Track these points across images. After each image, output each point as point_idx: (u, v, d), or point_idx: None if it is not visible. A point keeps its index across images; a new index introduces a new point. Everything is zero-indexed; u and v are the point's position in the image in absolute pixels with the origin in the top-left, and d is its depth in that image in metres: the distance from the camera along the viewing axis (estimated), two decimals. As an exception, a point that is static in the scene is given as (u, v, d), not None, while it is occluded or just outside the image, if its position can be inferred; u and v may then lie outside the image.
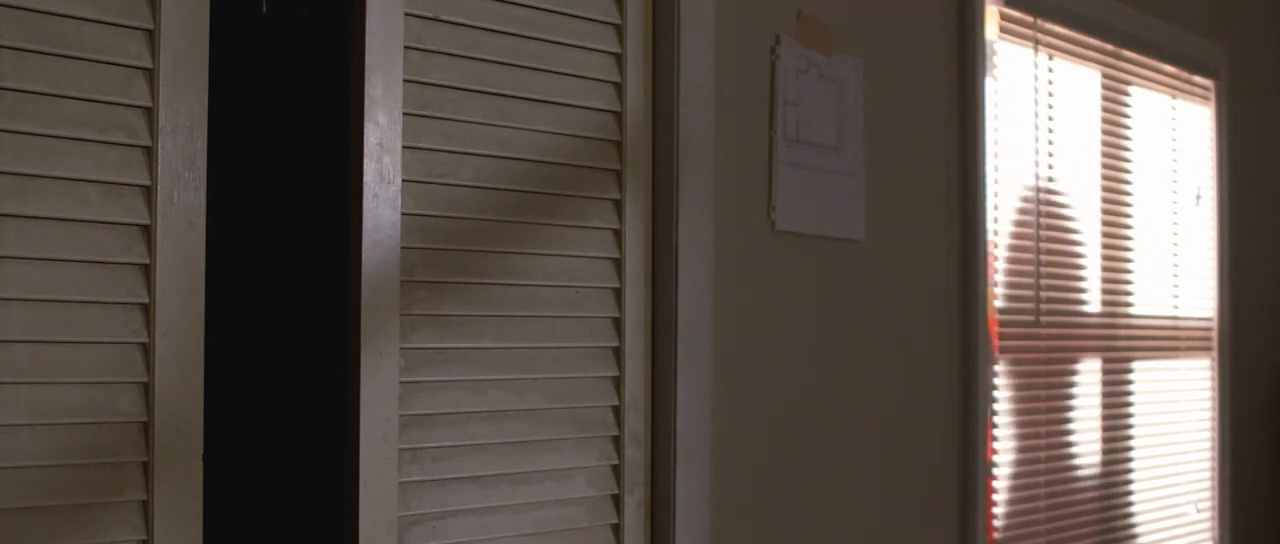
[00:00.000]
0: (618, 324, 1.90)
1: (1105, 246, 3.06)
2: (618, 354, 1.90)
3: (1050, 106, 2.86)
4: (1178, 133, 3.35)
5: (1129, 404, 3.15)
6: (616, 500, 1.90)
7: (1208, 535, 3.44)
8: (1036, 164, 2.81)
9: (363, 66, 1.61)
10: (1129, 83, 3.16)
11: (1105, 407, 3.07)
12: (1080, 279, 2.97)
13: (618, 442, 1.90)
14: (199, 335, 1.44)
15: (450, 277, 1.70)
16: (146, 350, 1.40)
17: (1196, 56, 3.36)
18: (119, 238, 1.39)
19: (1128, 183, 3.14)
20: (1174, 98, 3.33)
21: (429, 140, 1.68)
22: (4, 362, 1.31)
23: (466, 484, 1.72)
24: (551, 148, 1.82)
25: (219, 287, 1.56)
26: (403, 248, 1.64)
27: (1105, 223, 3.06)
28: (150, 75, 1.40)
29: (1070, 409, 2.93)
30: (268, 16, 2.03)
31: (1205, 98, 3.44)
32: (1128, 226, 3.13)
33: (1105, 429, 3.06)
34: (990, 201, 2.61)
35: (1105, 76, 3.07)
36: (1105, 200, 3.06)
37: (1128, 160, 3.14)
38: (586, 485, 1.86)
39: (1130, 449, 3.15)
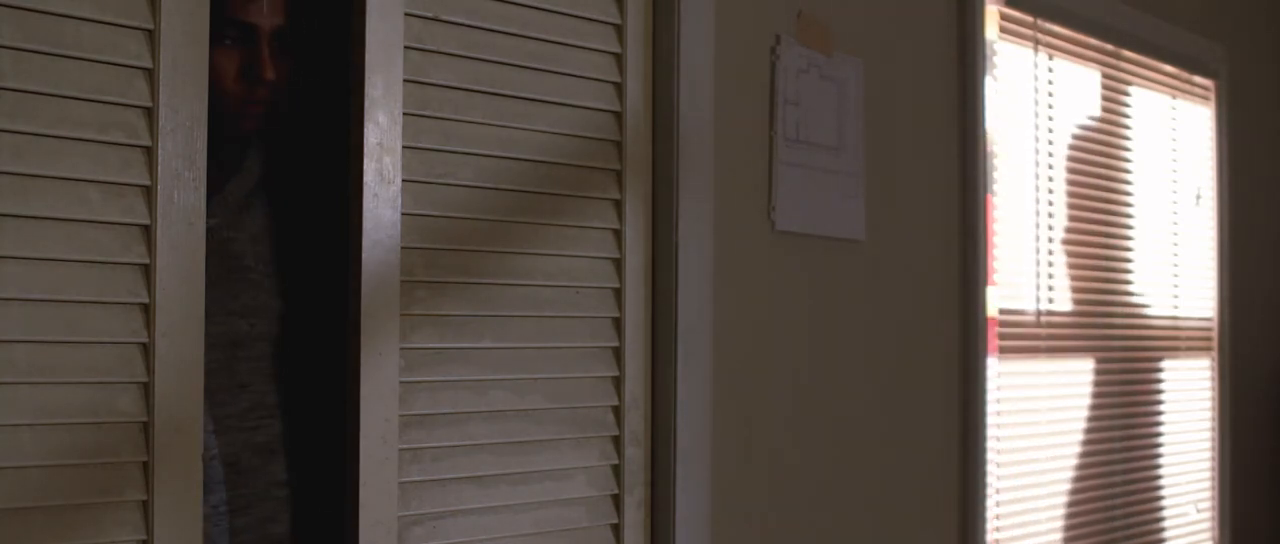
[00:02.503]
0: (618, 324, 1.90)
1: (1105, 246, 3.06)
2: (618, 354, 1.90)
3: (1050, 106, 2.86)
4: (1178, 133, 3.35)
5: (1129, 404, 3.15)
6: (616, 500, 1.90)
7: (1208, 535, 3.44)
8: (1036, 164, 2.81)
9: (363, 66, 1.61)
10: (1129, 83, 3.16)
11: (1105, 406, 3.07)
12: (1080, 279, 2.97)
13: (618, 442, 1.90)
14: (199, 335, 1.44)
15: (450, 277, 1.70)
16: (146, 350, 1.40)
17: (1196, 56, 3.37)
18: (119, 238, 1.39)
19: (1128, 183, 3.14)
20: (1174, 98, 3.33)
21: (429, 140, 1.68)
22: (4, 362, 1.31)
23: (466, 484, 1.72)
24: (551, 148, 1.82)
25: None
26: (403, 248, 1.64)
27: (1105, 223, 3.06)
28: (150, 75, 1.40)
29: (1070, 409, 2.93)
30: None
31: (1205, 98, 3.44)
32: (1128, 226, 3.13)
33: (1105, 429, 3.06)
34: (990, 201, 2.61)
35: (1105, 76, 3.07)
36: (1105, 200, 3.06)
37: (1128, 160, 3.14)
38: (586, 485, 1.86)
39: (1130, 449, 3.15)
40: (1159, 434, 3.25)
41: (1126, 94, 3.15)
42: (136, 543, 1.39)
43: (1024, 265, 2.77)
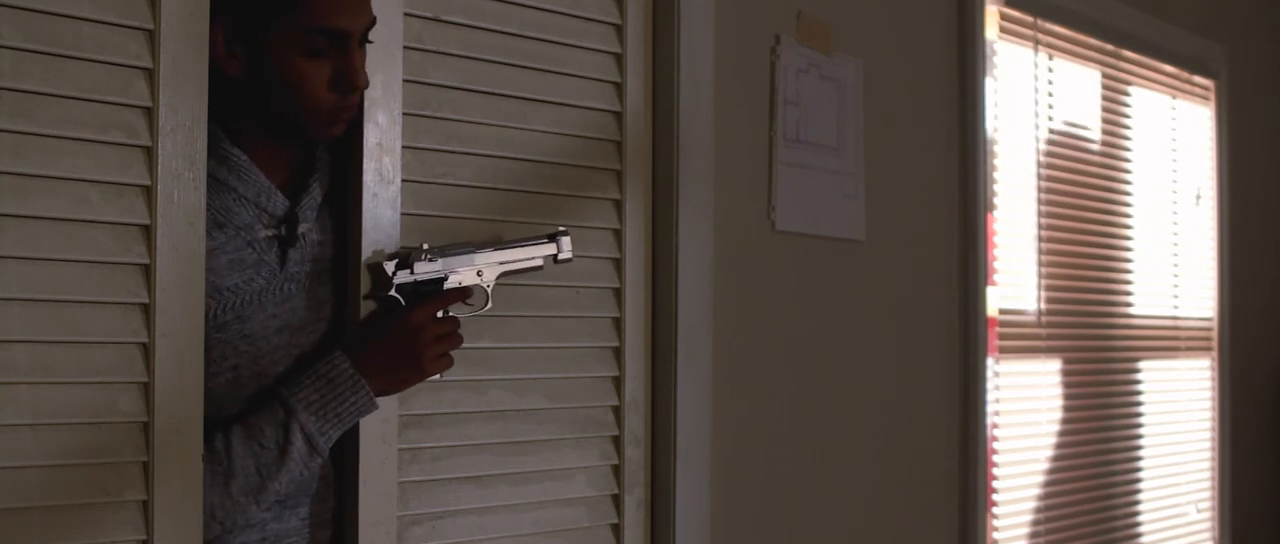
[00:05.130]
0: (618, 324, 1.90)
1: (1105, 246, 3.06)
2: (618, 354, 1.90)
3: (1050, 107, 2.86)
4: (1178, 133, 3.35)
5: (1129, 404, 3.15)
6: (616, 500, 1.90)
7: (1208, 535, 3.43)
8: (1036, 164, 2.81)
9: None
10: (1129, 83, 3.16)
11: (1105, 406, 3.07)
12: (1080, 279, 2.97)
13: (618, 442, 1.90)
14: (199, 335, 1.44)
15: (450, 276, 1.70)
16: (146, 350, 1.40)
17: (1196, 56, 3.36)
18: (119, 238, 1.39)
19: (1128, 183, 3.13)
20: (1174, 98, 3.33)
21: (429, 140, 1.68)
22: (4, 362, 1.31)
23: (466, 484, 1.72)
24: (551, 148, 1.82)
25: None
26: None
27: (1105, 223, 3.06)
28: (150, 75, 1.40)
29: (1070, 409, 2.93)
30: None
31: (1205, 98, 3.44)
32: (1128, 227, 3.13)
33: (1105, 429, 3.06)
34: (990, 201, 2.61)
35: (1105, 76, 3.07)
36: (1105, 200, 3.06)
37: (1128, 160, 3.14)
38: (586, 485, 1.86)
39: (1130, 449, 3.15)
40: (1158, 434, 3.25)
41: (1126, 94, 3.15)
42: (136, 543, 1.39)
43: (1024, 265, 2.77)
